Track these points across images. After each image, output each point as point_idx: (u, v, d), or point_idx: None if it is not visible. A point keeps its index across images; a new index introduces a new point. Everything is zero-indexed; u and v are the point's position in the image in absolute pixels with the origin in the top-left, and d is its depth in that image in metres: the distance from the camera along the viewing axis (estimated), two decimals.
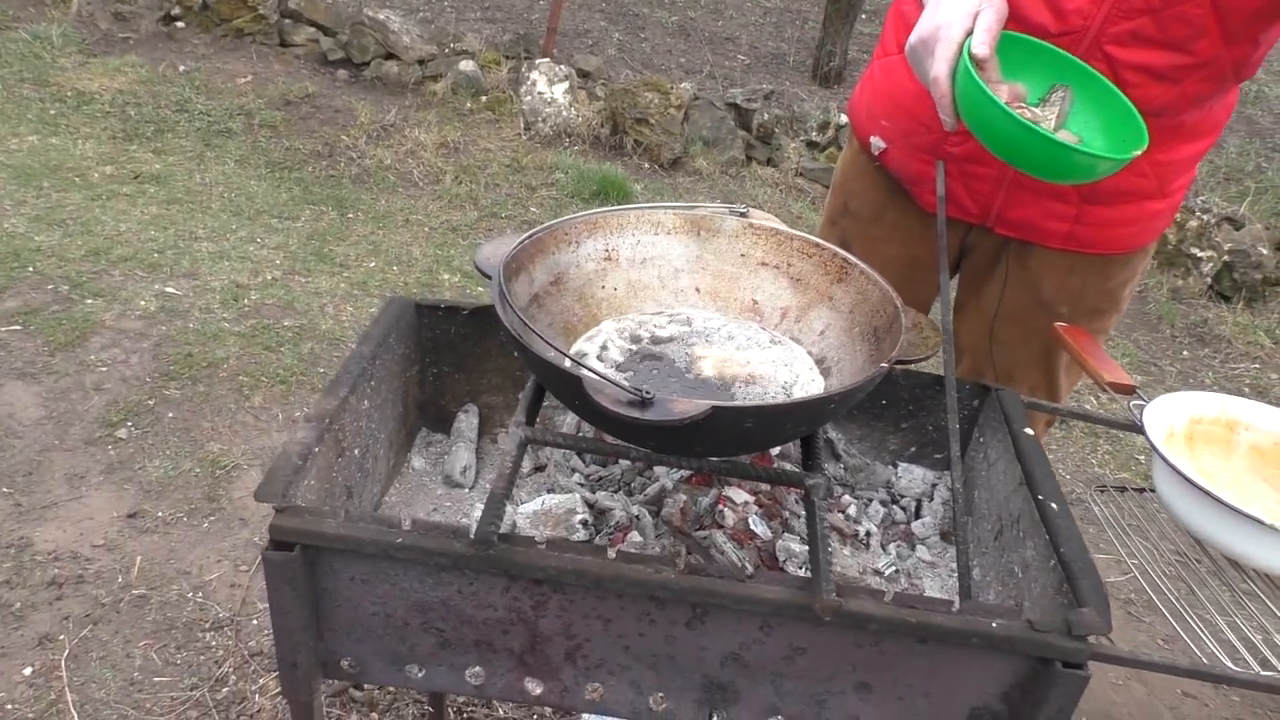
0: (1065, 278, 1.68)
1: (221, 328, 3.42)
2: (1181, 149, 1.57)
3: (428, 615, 1.12)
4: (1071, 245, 1.64)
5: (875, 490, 1.52)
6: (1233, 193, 5.49)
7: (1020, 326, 1.74)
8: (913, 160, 1.68)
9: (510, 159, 5.16)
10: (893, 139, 1.71)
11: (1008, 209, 1.63)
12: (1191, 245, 4.98)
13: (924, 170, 1.67)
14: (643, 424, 0.97)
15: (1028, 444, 1.34)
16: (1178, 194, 1.65)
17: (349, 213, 4.50)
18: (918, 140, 1.66)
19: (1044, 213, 1.61)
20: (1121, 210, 1.61)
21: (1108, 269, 1.69)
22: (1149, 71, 1.42)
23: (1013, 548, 1.28)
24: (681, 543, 1.33)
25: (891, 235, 1.80)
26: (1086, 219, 1.61)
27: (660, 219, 1.41)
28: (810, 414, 1.09)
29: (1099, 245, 1.65)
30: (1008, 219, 1.65)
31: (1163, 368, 4.26)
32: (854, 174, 1.85)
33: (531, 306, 1.28)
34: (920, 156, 1.66)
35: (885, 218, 1.79)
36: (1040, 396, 1.76)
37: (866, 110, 1.77)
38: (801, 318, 1.36)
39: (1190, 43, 1.39)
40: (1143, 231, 1.67)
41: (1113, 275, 1.70)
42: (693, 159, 5.45)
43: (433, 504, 1.49)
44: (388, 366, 1.43)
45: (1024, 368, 1.77)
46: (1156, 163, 1.56)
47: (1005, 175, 1.60)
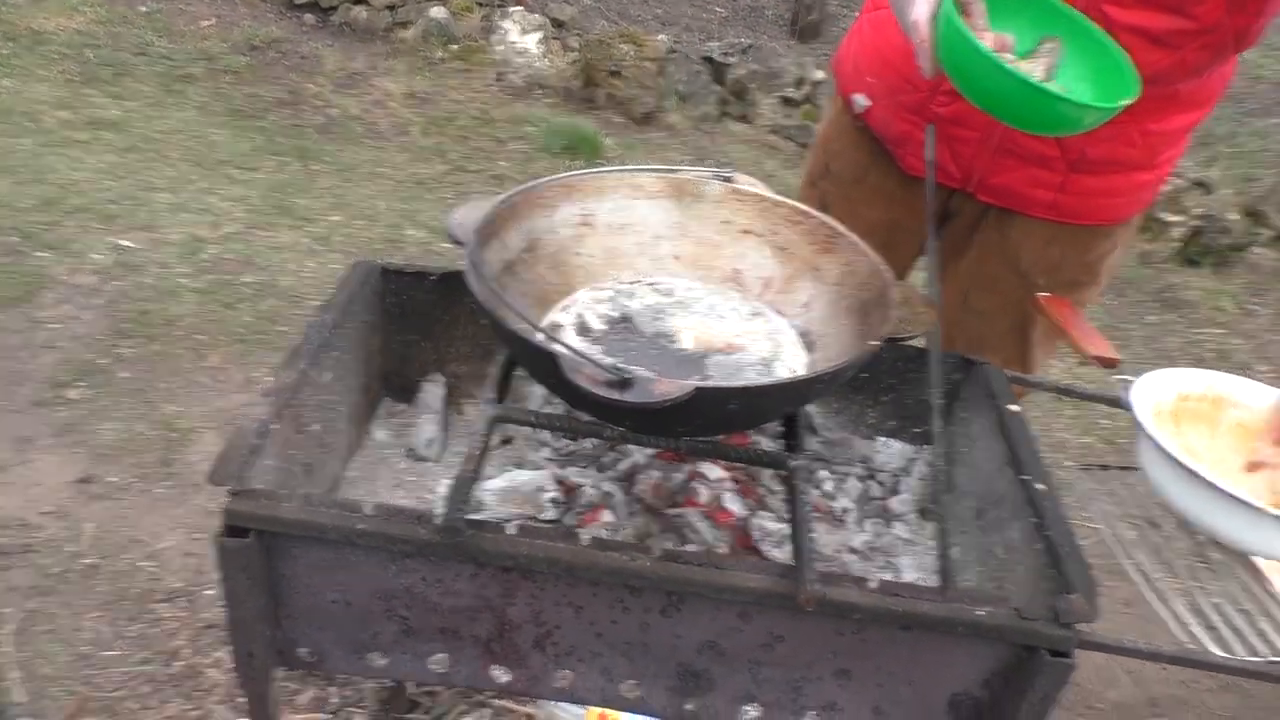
0: (1044, 248, 1.64)
1: (179, 283, 3.32)
2: (1174, 119, 1.53)
3: (390, 602, 1.07)
4: (1054, 215, 1.60)
5: (852, 465, 1.48)
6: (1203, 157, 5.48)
7: (997, 296, 1.70)
8: (897, 120, 1.63)
9: (480, 111, 5.03)
10: (878, 96, 1.65)
11: (991, 175, 1.58)
12: (1161, 209, 4.97)
13: (908, 131, 1.62)
14: (622, 405, 0.92)
15: (1013, 422, 1.30)
16: (1166, 166, 1.61)
17: (313, 164, 4.37)
18: (903, 99, 1.60)
19: (1028, 180, 1.57)
20: (1108, 180, 1.57)
21: (1089, 241, 1.65)
22: (1147, 35, 1.37)
23: (995, 528, 1.25)
24: (654, 522, 1.28)
25: (873, 198, 1.74)
26: (1071, 188, 1.57)
27: (640, 182, 1.34)
28: (796, 394, 1.04)
29: (1082, 215, 1.61)
30: (990, 185, 1.60)
31: (1129, 332, 4.26)
32: (836, 134, 1.79)
33: (504, 275, 1.22)
34: (905, 116, 1.61)
35: (867, 180, 1.74)
36: (1012, 368, 1.73)
37: (853, 65, 1.71)
38: (786, 289, 1.31)
39: (1191, 7, 1.34)
40: (1128, 203, 1.63)
41: (1093, 248, 1.66)
42: (666, 114, 5.35)
43: (395, 479, 1.43)
44: (350, 335, 1.36)
45: (998, 338, 1.74)
46: (1147, 132, 1.52)
47: (990, 139, 1.54)
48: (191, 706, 1.99)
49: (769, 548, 1.26)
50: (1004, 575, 1.19)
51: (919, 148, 1.61)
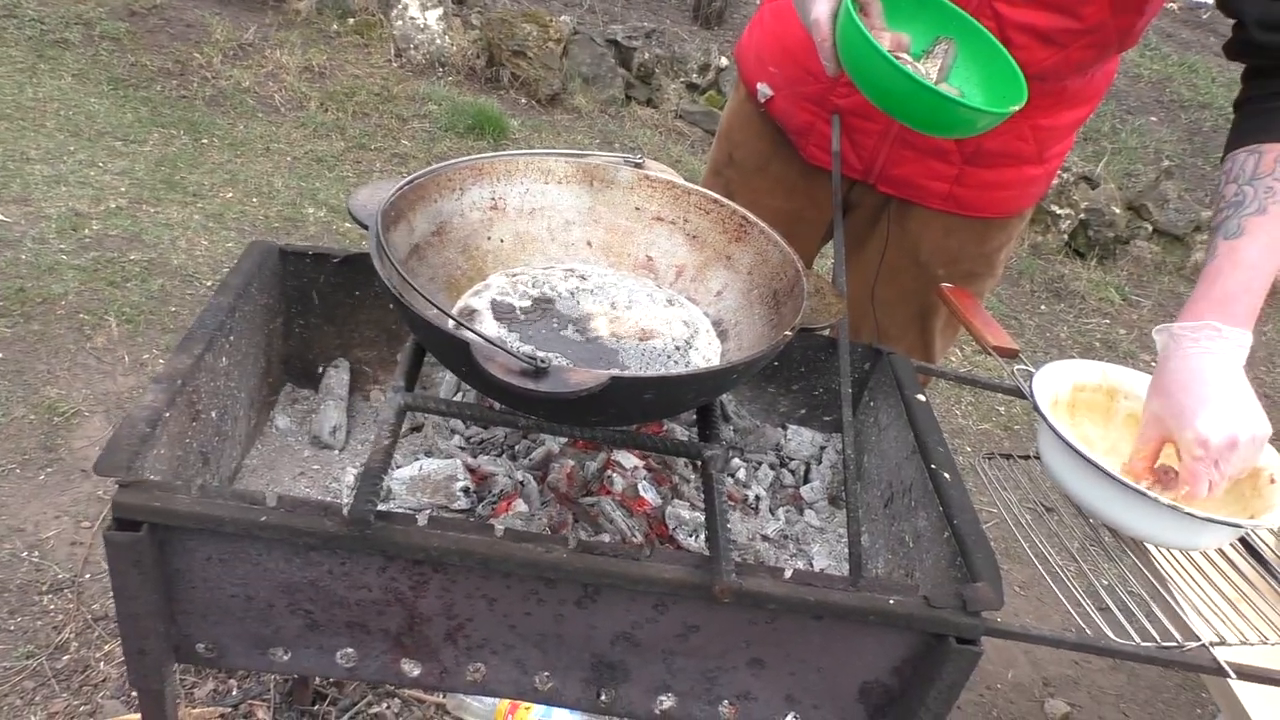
0: (943, 239, 1.68)
1: (59, 260, 3.15)
2: (1063, 115, 1.57)
3: (294, 596, 1.03)
4: (951, 206, 1.63)
5: (765, 453, 1.49)
6: (1089, 153, 5.70)
7: (898, 286, 1.73)
8: (799, 110, 1.64)
9: (380, 87, 4.90)
10: (780, 87, 1.66)
11: (891, 166, 1.61)
12: (1051, 203, 5.15)
13: (810, 121, 1.63)
14: (536, 395, 0.90)
15: (920, 410, 1.33)
16: (1055, 160, 1.66)
17: (203, 138, 4.19)
18: (805, 90, 1.61)
19: (926, 172, 1.60)
20: (1001, 173, 1.61)
21: (985, 232, 1.69)
22: (1035, 33, 1.41)
23: (904, 516, 1.27)
24: (569, 511, 1.27)
25: (775, 188, 1.75)
26: (966, 180, 1.60)
27: (551, 167, 1.32)
28: (712, 384, 1.03)
29: (977, 208, 1.64)
30: (890, 176, 1.62)
31: (1022, 321, 4.41)
32: (740, 123, 1.79)
33: (411, 259, 1.18)
34: (806, 107, 1.62)
35: (769, 169, 1.75)
36: (915, 357, 1.77)
37: (755, 55, 1.72)
38: (698, 277, 1.30)
39: (1079, 7, 1.38)
40: (1020, 196, 1.67)
41: (989, 239, 1.70)
42: (571, 96, 5.31)
43: (299, 467, 1.38)
44: (249, 319, 1.31)
45: (900, 327, 1.77)
46: (1037, 127, 1.56)
47: (890, 131, 1.57)
48: (81, 701, 1.89)
49: (684, 536, 1.26)
50: (913, 563, 1.21)
51: (821, 138, 1.63)
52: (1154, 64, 7.00)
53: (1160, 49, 7.19)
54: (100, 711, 1.87)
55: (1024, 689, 2.43)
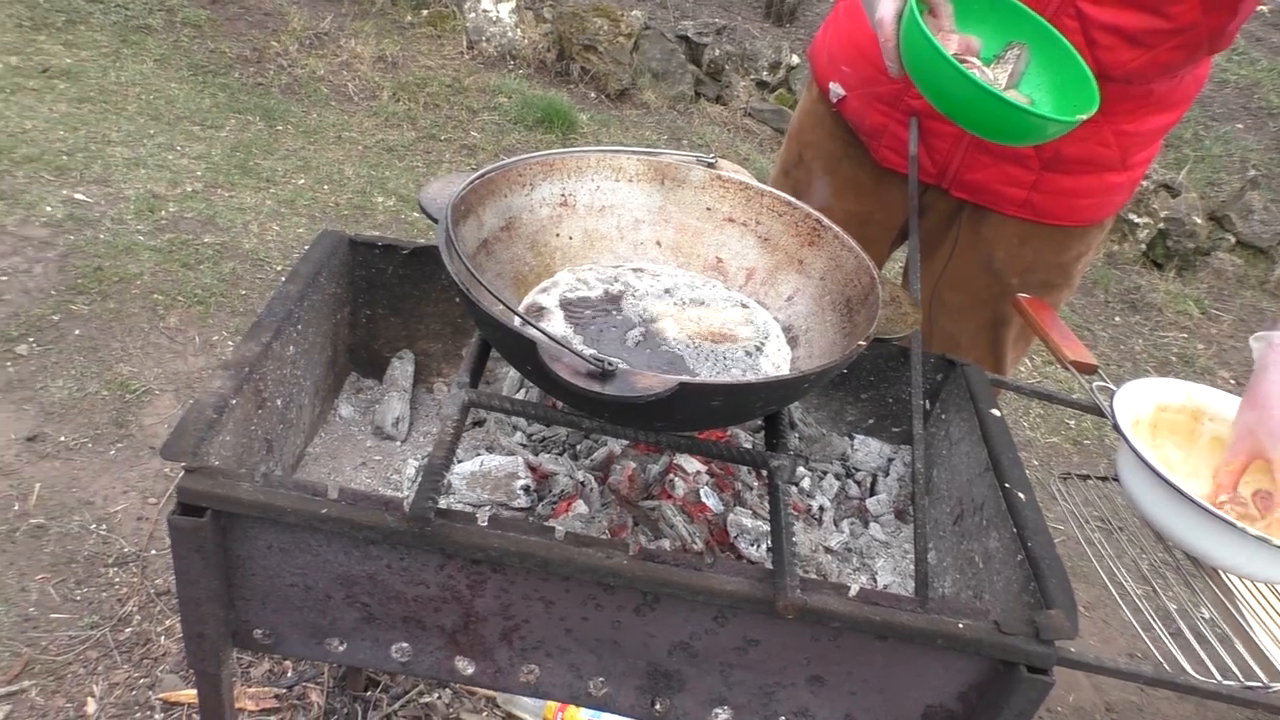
0: (1018, 247, 1.63)
1: (135, 241, 3.21)
2: (1149, 120, 1.51)
3: (352, 589, 1.02)
4: (1027, 213, 1.58)
5: (830, 463, 1.46)
6: (1170, 160, 5.53)
7: (969, 294, 1.68)
8: (871, 111, 1.60)
9: (452, 79, 4.93)
10: (852, 86, 1.62)
11: (966, 171, 1.56)
12: (1129, 211, 5.00)
13: (882, 122, 1.59)
14: (603, 399, 0.88)
15: (995, 426, 1.28)
16: (1140, 168, 1.59)
17: (277, 125, 4.25)
18: (878, 90, 1.57)
19: (1002, 177, 1.55)
20: (1081, 180, 1.55)
21: (1063, 241, 1.63)
22: (1121, 33, 1.35)
23: (974, 535, 1.23)
24: (629, 514, 1.25)
25: (845, 190, 1.71)
26: (1045, 187, 1.55)
27: (622, 164, 1.30)
28: (782, 393, 1.01)
29: (1055, 215, 1.59)
30: (965, 181, 1.58)
31: (1095, 333, 4.29)
32: (811, 124, 1.76)
33: (480, 254, 1.17)
34: (879, 108, 1.58)
35: (840, 171, 1.71)
36: (985, 367, 1.72)
37: (828, 55, 1.68)
38: (769, 280, 1.27)
39: (1167, 6, 1.32)
40: (1101, 204, 1.61)
41: (1067, 249, 1.64)
42: (641, 91, 5.29)
43: (361, 457, 1.38)
44: (317, 308, 1.31)
45: (971, 336, 1.72)
46: (1121, 133, 1.50)
47: (965, 135, 1.52)
48: (141, 674, 1.93)
49: (745, 545, 1.24)
50: (982, 585, 1.17)
51: (894, 140, 1.59)
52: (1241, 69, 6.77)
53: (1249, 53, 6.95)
54: (159, 685, 1.90)
55: (1085, 714, 2.36)
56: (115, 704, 1.86)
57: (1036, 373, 3.77)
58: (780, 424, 1.10)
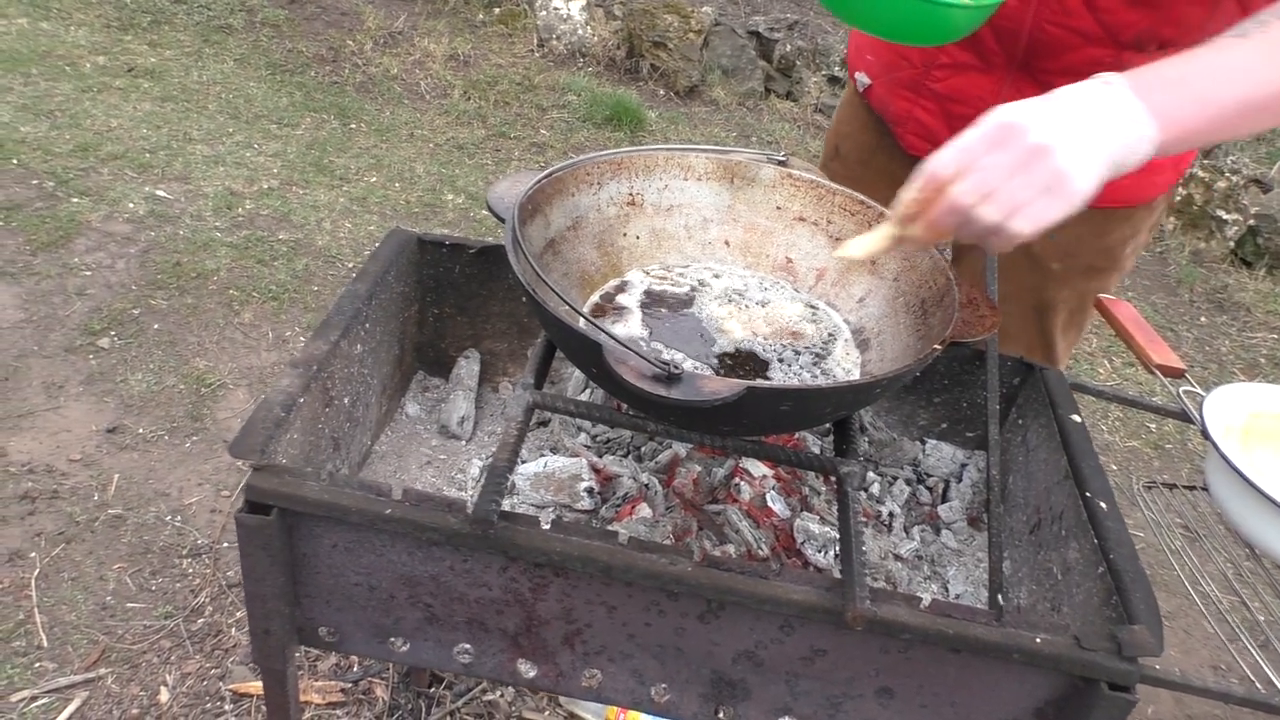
0: (1056, 231, 1.55)
1: (213, 237, 3.28)
2: None
3: (415, 589, 1.02)
4: None
5: (901, 468, 1.42)
6: (1262, 154, 5.32)
7: (1012, 282, 1.61)
8: (895, 98, 1.56)
9: (522, 77, 4.95)
10: (876, 74, 1.59)
11: None
12: (1218, 207, 4.83)
13: (906, 109, 1.55)
14: (669, 403, 0.86)
15: (1074, 432, 1.24)
16: None
17: (351, 123, 4.32)
18: (899, 75, 1.53)
19: None
20: None
21: (1105, 224, 1.55)
22: None
23: (1052, 545, 1.19)
24: (693, 518, 1.23)
25: (878, 181, 1.66)
26: None
27: (691, 163, 1.28)
28: (853, 398, 0.98)
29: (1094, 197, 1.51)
30: None
31: (1179, 333, 4.15)
32: (848, 115, 1.74)
33: (546, 253, 1.16)
34: (902, 94, 1.54)
35: (874, 161, 1.68)
36: (1036, 356, 1.65)
37: (855, 44, 1.66)
38: (840, 281, 1.24)
39: None
40: (1141, 185, 1.51)
41: (1110, 231, 1.56)
42: (710, 88, 5.25)
43: (426, 455, 1.38)
44: (385, 306, 1.32)
45: (1017, 325, 1.65)
46: None
47: None
48: (212, 664, 1.97)
49: (812, 551, 1.21)
50: (1060, 597, 1.13)
51: (919, 127, 1.55)
52: None
53: None
54: (229, 676, 1.94)
55: None
56: (187, 693, 1.90)
57: (1116, 375, 3.66)
58: (850, 429, 1.07)
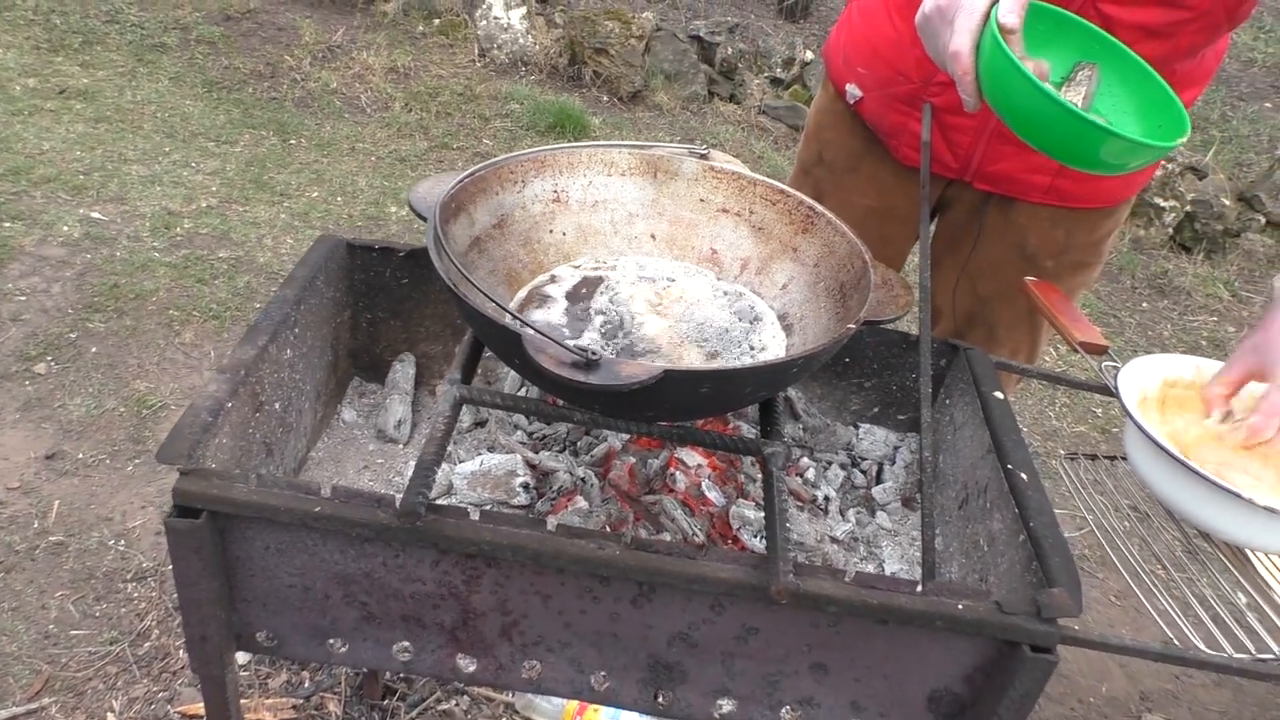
0: (1050, 230, 1.62)
1: (151, 257, 3.26)
2: None
3: (350, 588, 1.04)
4: (1053, 199, 1.58)
5: (835, 452, 1.46)
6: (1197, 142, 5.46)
7: (1004, 282, 1.68)
8: (890, 111, 1.60)
9: (463, 87, 4.97)
10: (869, 88, 1.62)
11: (988, 163, 1.56)
12: (1155, 195, 4.95)
13: (901, 121, 1.59)
14: (588, 388, 0.89)
15: (997, 408, 1.28)
16: None
17: (291, 138, 4.30)
18: (896, 90, 1.57)
19: (1025, 166, 1.55)
20: None
21: (1093, 221, 1.63)
22: (1143, 29, 1.35)
23: (978, 518, 1.22)
24: (629, 509, 1.26)
25: (866, 187, 1.72)
26: (1068, 172, 1.54)
27: (614, 159, 1.31)
28: (771, 378, 1.01)
29: (1081, 198, 1.59)
30: (987, 173, 1.57)
31: (1122, 319, 4.25)
32: (829, 122, 1.76)
33: (471, 251, 1.19)
34: (897, 107, 1.59)
35: (860, 169, 1.72)
36: (1021, 356, 1.72)
37: (843, 57, 1.69)
38: (763, 270, 1.28)
39: None
40: (1126, 184, 1.61)
41: (1098, 227, 1.65)
42: (653, 93, 5.30)
43: (364, 460, 1.40)
44: (315, 312, 1.33)
45: (1009, 327, 1.72)
46: None
47: (985, 127, 1.52)
48: (160, 687, 1.95)
49: (749, 537, 1.24)
50: (987, 568, 1.17)
51: (914, 139, 1.59)
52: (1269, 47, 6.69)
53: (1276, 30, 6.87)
54: (178, 698, 1.93)
55: (1119, 704, 2.33)
56: (134, 718, 1.89)
57: (1062, 361, 3.74)
58: (774, 411, 1.10)
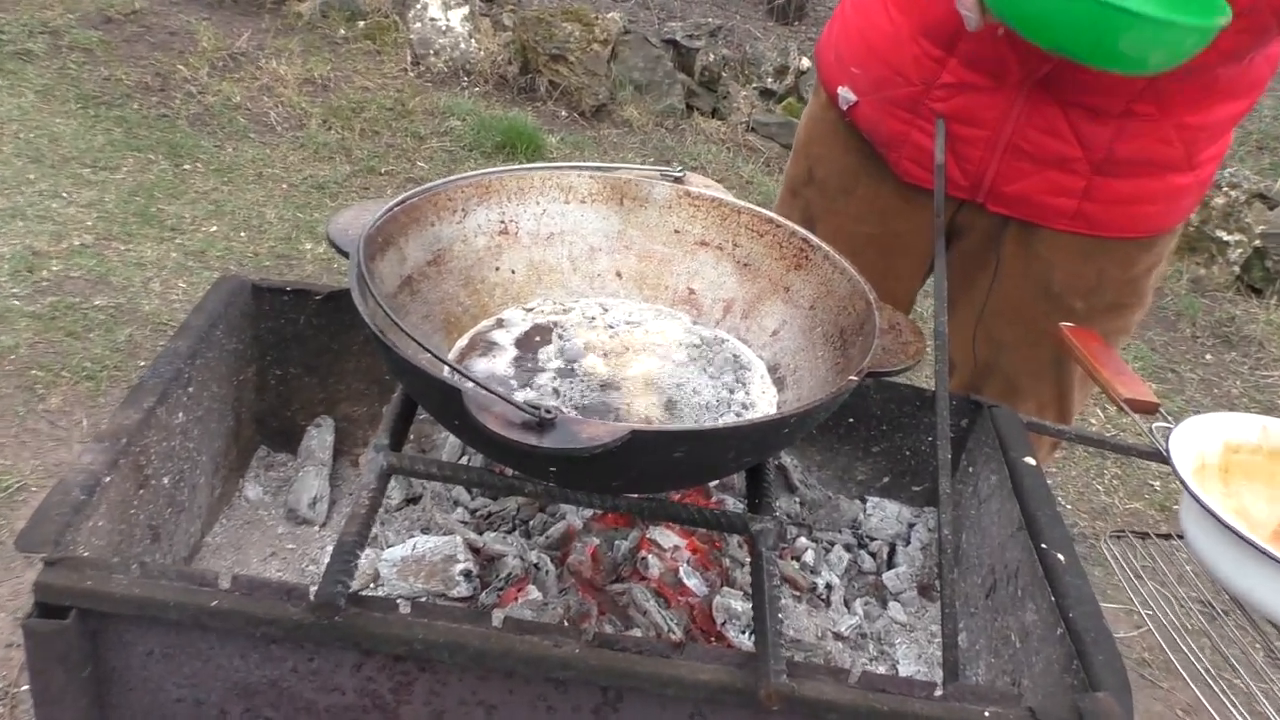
0: (1079, 265, 1.65)
1: (10, 306, 3.26)
2: (1215, 110, 1.55)
3: (253, 701, 1.04)
4: (1080, 226, 1.62)
5: (838, 531, 1.48)
6: (1266, 164, 5.61)
7: (1024, 325, 1.71)
8: (887, 118, 1.64)
9: (394, 101, 5.03)
10: (864, 91, 1.67)
11: (1003, 181, 1.60)
12: (1217, 227, 5.06)
13: (901, 130, 1.63)
14: (541, 452, 0.90)
15: (1028, 477, 1.30)
16: (1208, 166, 1.64)
17: (185, 163, 4.33)
18: (893, 93, 1.62)
19: (1046, 186, 1.58)
20: (1141, 184, 1.59)
21: (1129, 254, 1.66)
22: None
23: (1009, 609, 1.24)
24: (593, 600, 1.27)
25: (864, 211, 1.75)
26: (1098, 194, 1.58)
27: (572, 183, 1.34)
28: (759, 440, 1.03)
29: (1113, 227, 1.62)
30: (1003, 194, 1.61)
31: (1182, 374, 4.32)
32: (821, 134, 1.80)
33: (402, 293, 1.21)
34: (896, 114, 1.63)
35: (857, 190, 1.75)
36: (1049, 414, 1.73)
37: (835, 54, 1.73)
38: (750, 313, 1.31)
39: None
40: (1167, 211, 1.65)
41: (1135, 262, 1.67)
42: (621, 107, 5.39)
43: (271, 545, 1.40)
44: (213, 367, 1.34)
45: (1032, 378, 1.74)
46: (1183, 126, 1.54)
47: (999, 139, 1.56)
48: None
49: (735, 633, 1.25)
50: (1020, 668, 1.18)
51: (916, 151, 1.63)
52: None
53: None
54: None
55: None
56: None
57: (1111, 424, 3.79)
58: (763, 480, 1.12)
